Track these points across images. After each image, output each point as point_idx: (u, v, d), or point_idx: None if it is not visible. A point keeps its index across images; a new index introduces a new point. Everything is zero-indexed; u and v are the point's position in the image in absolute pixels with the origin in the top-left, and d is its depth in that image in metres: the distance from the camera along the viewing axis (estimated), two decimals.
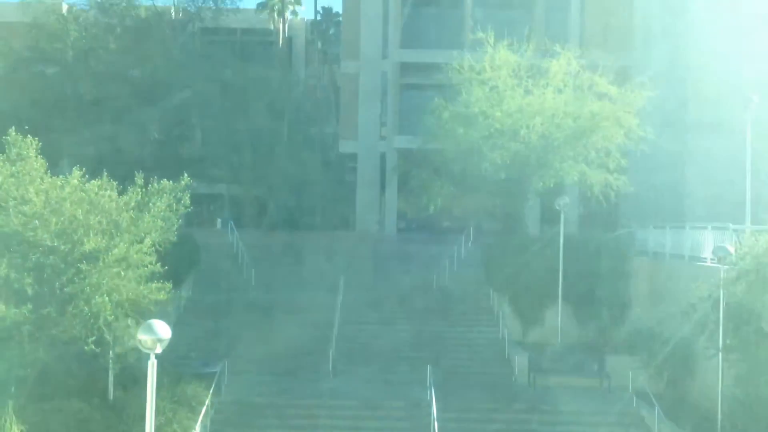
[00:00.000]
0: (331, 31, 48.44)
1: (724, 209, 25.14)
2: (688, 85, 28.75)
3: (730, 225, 20.33)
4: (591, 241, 25.73)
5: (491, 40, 26.62)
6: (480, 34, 26.73)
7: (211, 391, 19.72)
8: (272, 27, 45.03)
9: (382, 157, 36.49)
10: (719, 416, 17.76)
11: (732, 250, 17.85)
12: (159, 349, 11.93)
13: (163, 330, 11.98)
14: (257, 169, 33.97)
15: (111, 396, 18.40)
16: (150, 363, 11.95)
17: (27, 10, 29.72)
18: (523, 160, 26.24)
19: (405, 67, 35.36)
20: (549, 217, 28.01)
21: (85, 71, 28.38)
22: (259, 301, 26.38)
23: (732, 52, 27.60)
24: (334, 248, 31.47)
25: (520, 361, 22.76)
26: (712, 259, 19.57)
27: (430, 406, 19.47)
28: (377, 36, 37.03)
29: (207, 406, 19.22)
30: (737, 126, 23.06)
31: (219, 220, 40.48)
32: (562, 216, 24.01)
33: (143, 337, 11.95)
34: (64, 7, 32.51)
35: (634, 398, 20.79)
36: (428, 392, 20.23)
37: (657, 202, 29.81)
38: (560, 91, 26.36)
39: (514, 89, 26.19)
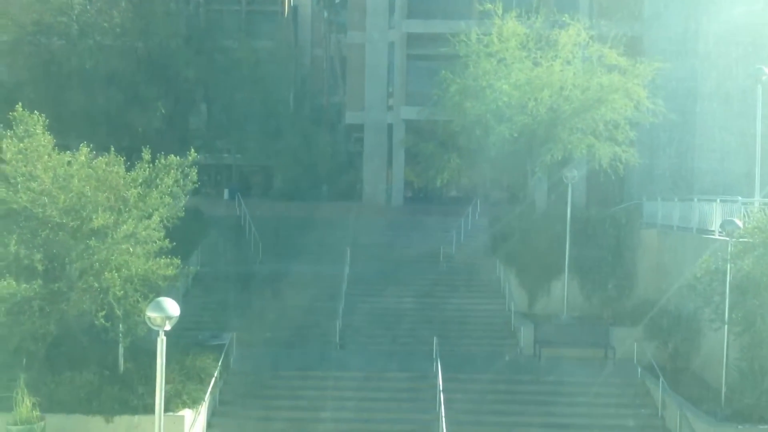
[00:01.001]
0: (337, 0, 47.86)
1: (734, 182, 25.03)
2: (699, 55, 28.37)
3: (739, 198, 20.26)
4: (598, 214, 25.70)
5: (499, 11, 26.30)
6: (488, 5, 26.39)
7: (219, 363, 19.96)
8: None
9: (389, 128, 36.38)
10: (723, 388, 17.91)
11: (740, 223, 17.83)
12: (168, 326, 12.15)
13: (172, 307, 12.22)
14: (264, 141, 33.89)
15: (121, 368, 18.66)
16: (159, 340, 12.20)
17: None
18: (530, 133, 26.07)
19: (412, 38, 35.03)
20: (556, 189, 27.91)
21: (91, 45, 28.20)
22: (267, 273, 26.54)
23: (743, 23, 27.16)
24: (341, 219, 31.54)
25: (526, 333, 22.91)
26: (719, 232, 19.54)
27: (436, 377, 19.67)
28: (384, 5, 36.65)
29: (216, 377, 19.49)
30: (748, 98, 22.82)
31: (226, 191, 40.54)
32: (569, 188, 23.96)
33: (152, 314, 12.20)
34: None
35: (639, 369, 20.95)
36: (434, 364, 20.42)
37: (665, 175, 29.65)
38: (569, 62, 26.06)
39: (522, 61, 25.92)
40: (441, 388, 19.07)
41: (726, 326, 17.66)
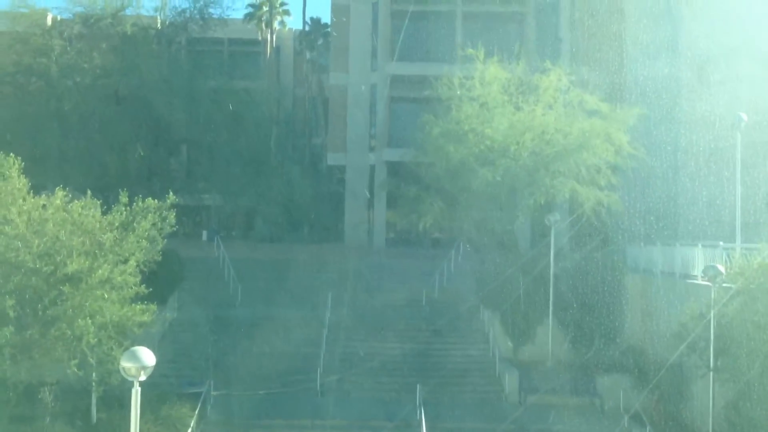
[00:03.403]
0: (320, 42, 48.19)
1: (717, 227, 25.08)
2: (680, 102, 28.77)
3: (721, 243, 20.25)
4: (582, 258, 25.62)
5: (481, 56, 26.54)
6: (470, 50, 26.63)
7: (196, 412, 19.42)
8: (260, 37, 44.77)
9: (371, 170, 36.29)
10: None
11: (722, 269, 17.74)
12: (143, 377, 11.75)
13: (147, 357, 11.81)
14: (244, 182, 33.64)
15: (94, 419, 18.02)
16: (134, 391, 11.73)
17: (12, 21, 29.33)
18: (513, 177, 26.12)
19: (394, 80, 35.18)
20: (540, 233, 27.86)
21: (70, 87, 27.95)
22: (246, 318, 26.03)
23: (723, 71, 27.65)
24: (323, 262, 31.17)
25: (511, 380, 22.60)
26: (702, 277, 19.45)
27: (419, 425, 19.25)
28: (366, 48, 36.88)
29: (192, 427, 18.90)
30: (728, 145, 23.06)
31: (205, 232, 40.03)
32: (552, 233, 23.90)
33: (127, 364, 11.77)
34: (48, 17, 32.14)
35: (626, 418, 20.62)
36: (418, 411, 19.99)
37: (649, 219, 29.77)
38: (550, 107, 26.30)
39: (504, 106, 26.11)
40: None
41: (712, 373, 17.43)
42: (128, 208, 17.78)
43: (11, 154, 17.31)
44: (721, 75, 27.31)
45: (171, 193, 18.30)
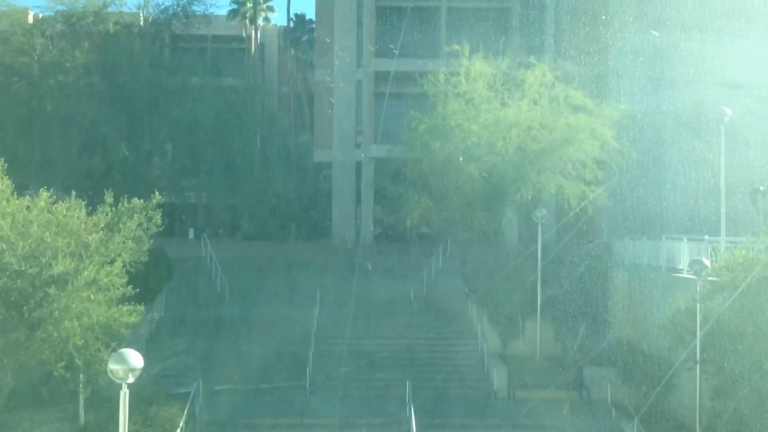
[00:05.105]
0: (305, 39, 48.03)
1: (702, 221, 25.30)
2: (665, 97, 28.91)
3: (706, 237, 20.40)
4: (569, 253, 25.74)
5: (466, 52, 26.54)
6: (455, 46, 26.64)
7: (185, 412, 19.32)
8: (244, 34, 44.56)
9: (358, 166, 36.25)
10: (698, 429, 17.75)
11: (708, 263, 17.87)
12: (131, 379, 11.71)
13: (135, 359, 11.76)
14: (230, 180, 33.49)
15: (81, 421, 17.89)
16: (122, 393, 11.67)
17: None
18: (500, 173, 26.20)
19: (380, 76, 35.15)
20: (527, 228, 27.95)
21: (52, 86, 27.65)
22: (234, 317, 25.98)
23: (708, 66, 27.81)
24: (310, 259, 31.14)
25: (500, 375, 22.68)
26: (688, 271, 19.59)
27: (409, 422, 19.27)
28: (351, 44, 36.81)
29: (181, 428, 18.81)
30: (713, 139, 23.22)
31: (191, 230, 39.82)
32: (539, 228, 23.98)
33: (114, 367, 11.71)
34: (30, 16, 31.81)
35: (614, 411, 20.77)
36: (407, 408, 20.02)
37: (634, 213, 29.93)
38: (536, 102, 26.37)
39: (490, 101, 26.15)
40: None
41: (698, 366, 17.56)
42: (113, 208, 17.61)
43: None
44: (707, 64, 27.44)
45: (156, 193, 18.14)
